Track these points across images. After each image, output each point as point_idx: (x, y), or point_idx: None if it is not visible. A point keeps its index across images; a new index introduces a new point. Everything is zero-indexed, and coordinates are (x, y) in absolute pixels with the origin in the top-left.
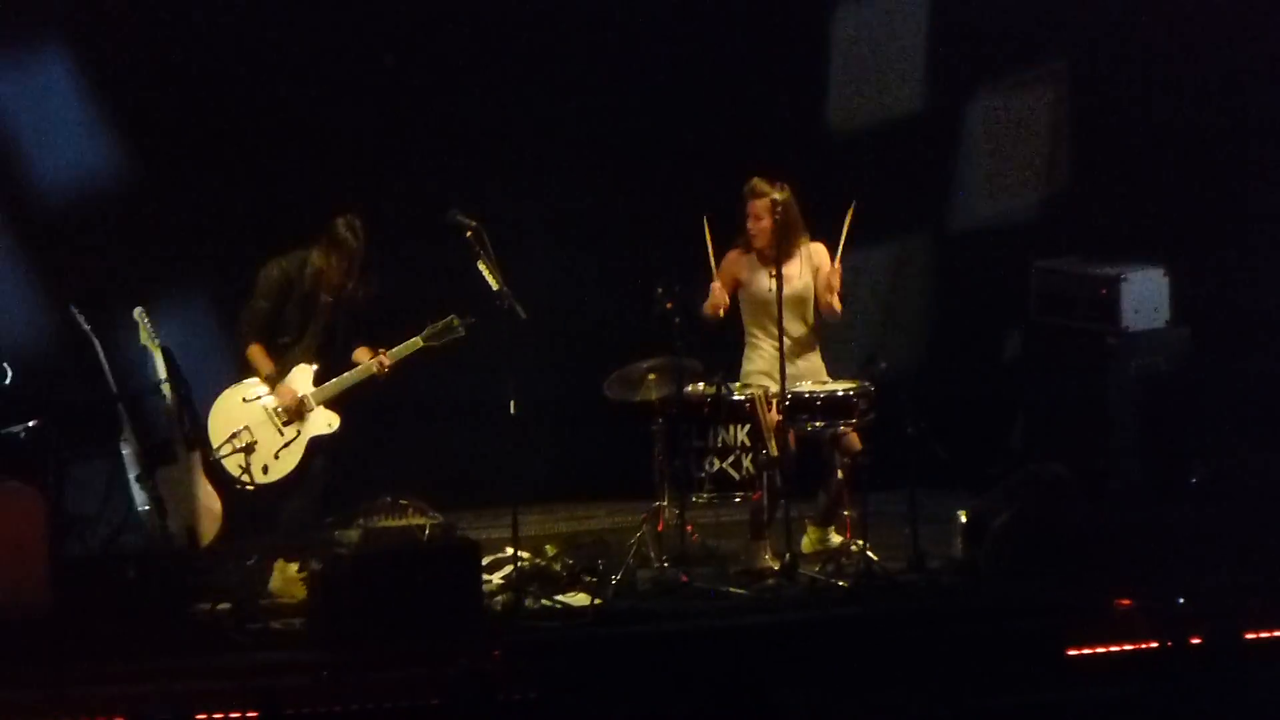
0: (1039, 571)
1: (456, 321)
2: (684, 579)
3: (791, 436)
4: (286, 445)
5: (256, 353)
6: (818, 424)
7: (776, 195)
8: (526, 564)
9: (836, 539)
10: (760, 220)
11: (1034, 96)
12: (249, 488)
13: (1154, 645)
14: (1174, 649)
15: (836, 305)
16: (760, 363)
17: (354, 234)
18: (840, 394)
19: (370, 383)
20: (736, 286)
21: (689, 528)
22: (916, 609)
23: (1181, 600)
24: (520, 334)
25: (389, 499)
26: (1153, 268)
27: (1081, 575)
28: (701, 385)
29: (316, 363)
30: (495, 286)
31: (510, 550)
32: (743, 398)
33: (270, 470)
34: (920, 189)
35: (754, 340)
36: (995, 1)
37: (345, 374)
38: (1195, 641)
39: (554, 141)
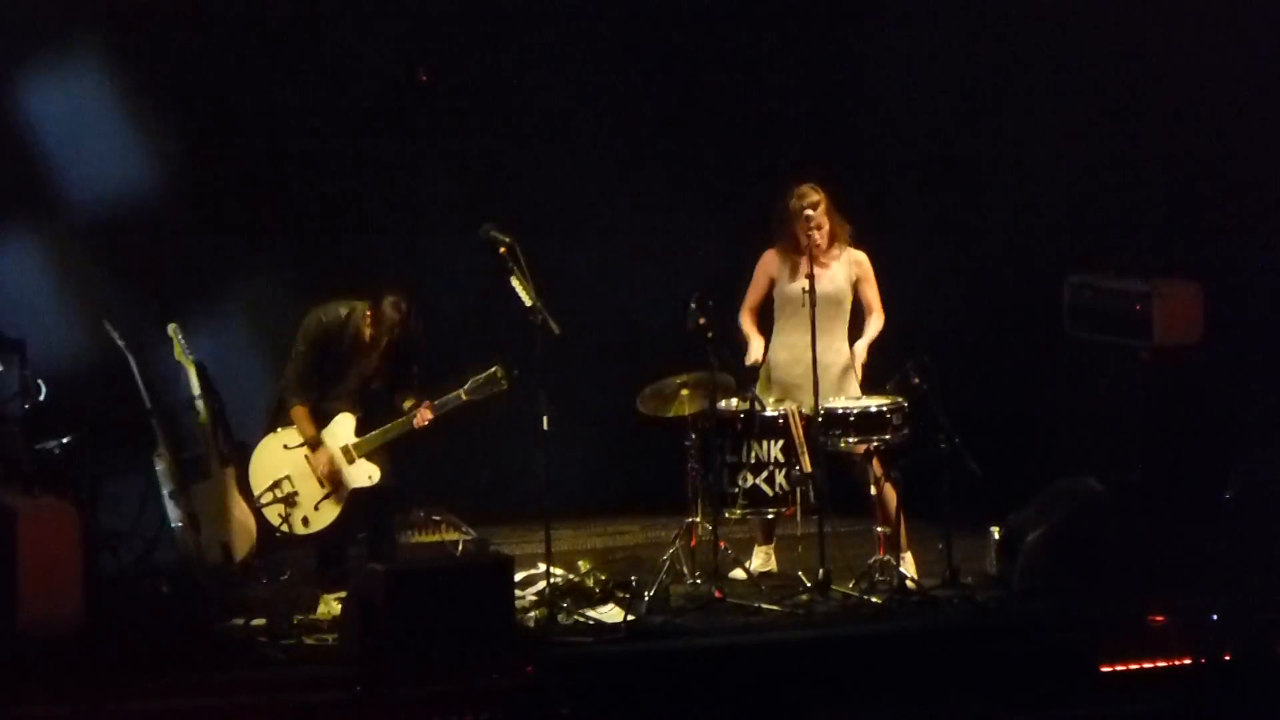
0: (1073, 587)
1: (500, 374)
2: (718, 594)
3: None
4: (326, 497)
5: (301, 415)
6: (851, 440)
7: (822, 201)
8: (559, 579)
9: (908, 561)
10: (821, 228)
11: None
12: (286, 538)
13: (1188, 661)
14: (1207, 665)
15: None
16: (778, 368)
17: (398, 313)
18: (874, 410)
19: (411, 433)
20: (771, 285)
21: (722, 543)
22: (950, 625)
23: (1215, 616)
24: (553, 349)
25: (422, 514)
26: (1186, 282)
27: (1115, 591)
28: (735, 400)
29: (358, 410)
30: (529, 302)
31: (543, 566)
32: (777, 413)
33: (310, 522)
34: (953, 201)
35: (779, 341)
36: (1026, 8)
37: (388, 425)
38: (1228, 658)
39: (587, 156)
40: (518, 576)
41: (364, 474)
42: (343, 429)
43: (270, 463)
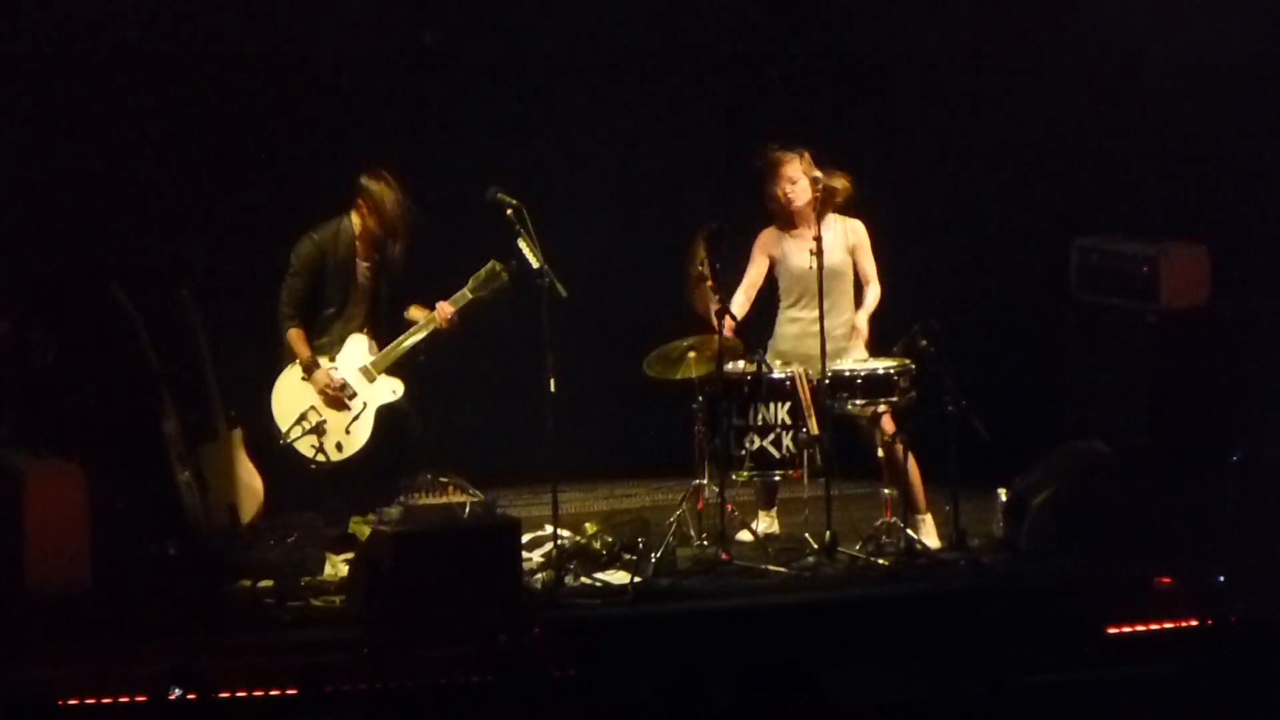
0: (1079, 550)
1: (499, 267)
2: (724, 557)
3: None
4: (356, 419)
5: (295, 338)
6: (858, 402)
7: (800, 160)
8: (566, 542)
9: (928, 525)
10: (795, 182)
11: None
12: (323, 466)
13: (1194, 623)
14: (1213, 627)
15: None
16: (787, 341)
17: (387, 184)
18: (881, 372)
19: (435, 342)
20: (772, 264)
21: (729, 506)
22: (957, 587)
23: (1222, 578)
24: (560, 312)
25: (429, 476)
26: (1194, 244)
27: (1122, 553)
28: (742, 363)
29: (368, 331)
30: (536, 264)
31: (550, 528)
32: (783, 375)
33: (344, 446)
34: (959, 165)
35: (787, 314)
36: None
37: (402, 337)
38: (1234, 620)
39: (596, 118)
40: (525, 539)
41: (387, 389)
42: (356, 350)
43: (290, 397)
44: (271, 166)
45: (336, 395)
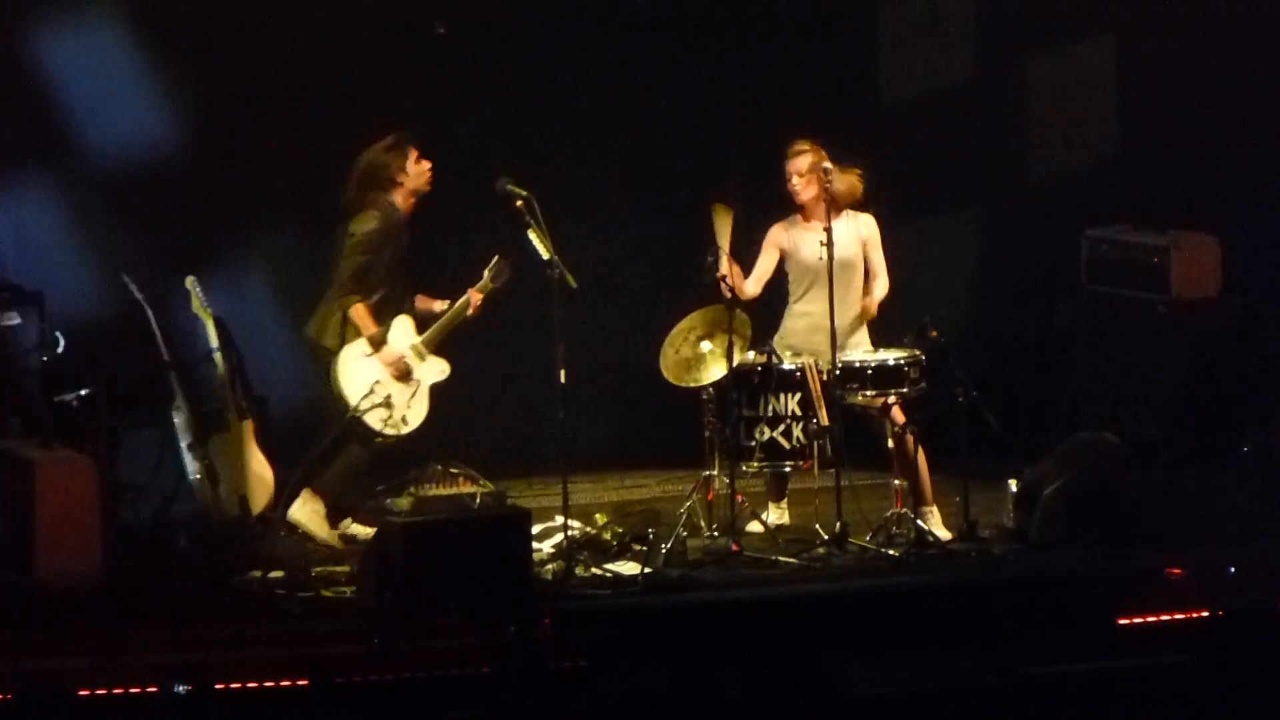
0: (1090, 540)
1: (501, 260)
2: (734, 548)
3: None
4: (414, 395)
5: (362, 313)
6: (868, 393)
7: (811, 153)
8: (576, 532)
9: (935, 516)
10: (801, 175)
11: (1083, 62)
12: (388, 440)
13: (1205, 614)
14: (1225, 618)
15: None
16: (797, 334)
17: (399, 151)
18: (891, 363)
19: (463, 324)
20: (783, 258)
21: (739, 497)
22: (967, 578)
23: (1233, 569)
24: (570, 302)
25: (439, 467)
26: (1204, 235)
27: (1132, 544)
28: (751, 354)
29: (405, 312)
30: (546, 255)
31: (560, 519)
32: (793, 366)
33: (409, 420)
34: (969, 155)
35: (796, 307)
36: None
37: (442, 319)
38: (1244, 610)
39: (605, 108)
40: (535, 529)
41: (437, 369)
42: (404, 330)
43: (356, 372)
44: (283, 155)
45: (403, 370)
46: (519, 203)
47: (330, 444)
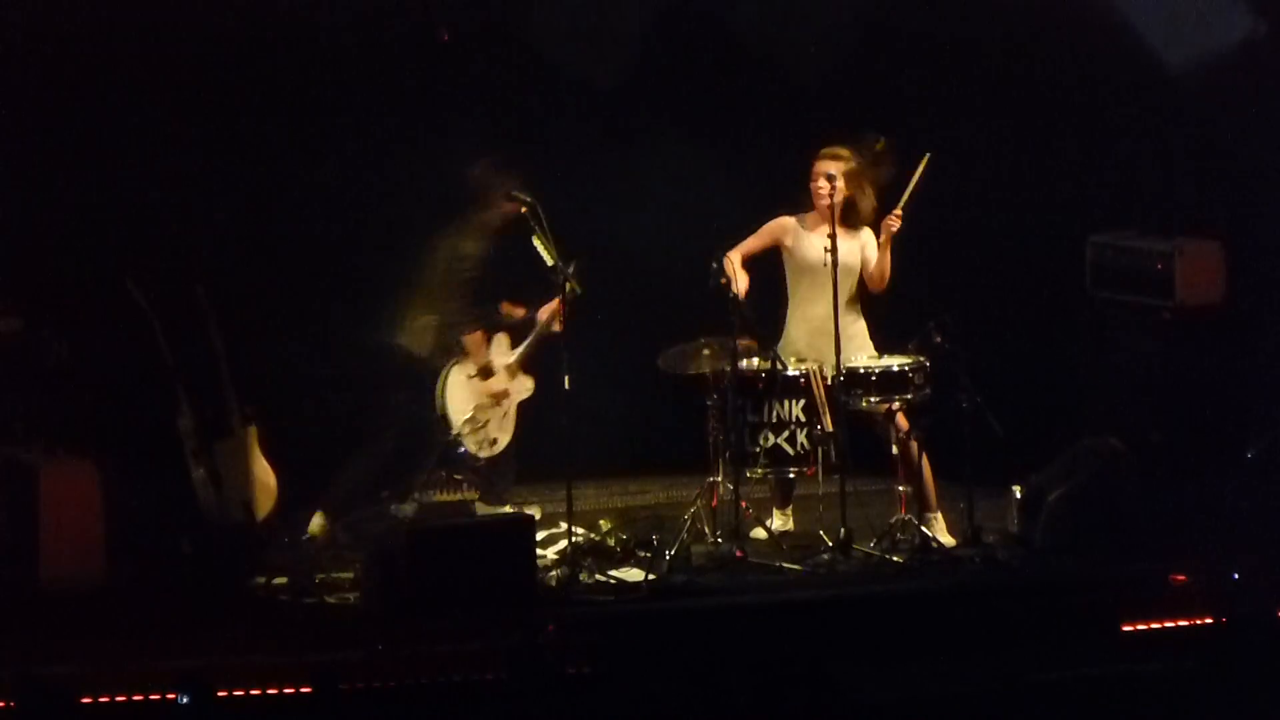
0: (1094, 546)
1: (582, 262)
2: (738, 554)
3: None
4: (505, 415)
5: (477, 341)
6: (872, 399)
7: (846, 161)
8: (581, 539)
9: (939, 522)
10: (832, 180)
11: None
12: (477, 461)
13: (1209, 620)
14: (1229, 624)
15: (885, 270)
16: (800, 338)
17: (493, 175)
18: (896, 369)
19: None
20: (781, 252)
21: (743, 503)
22: (972, 584)
23: (1237, 576)
24: (575, 309)
25: (444, 473)
26: (1209, 241)
27: (1137, 550)
28: (756, 360)
29: (493, 322)
30: (550, 262)
31: (564, 525)
32: (798, 372)
33: (497, 443)
34: (975, 160)
35: (796, 311)
36: None
37: (532, 336)
38: (1246, 617)
39: (610, 114)
40: (539, 535)
41: (526, 386)
42: (502, 348)
43: (461, 397)
44: (286, 163)
45: (501, 394)
46: (523, 209)
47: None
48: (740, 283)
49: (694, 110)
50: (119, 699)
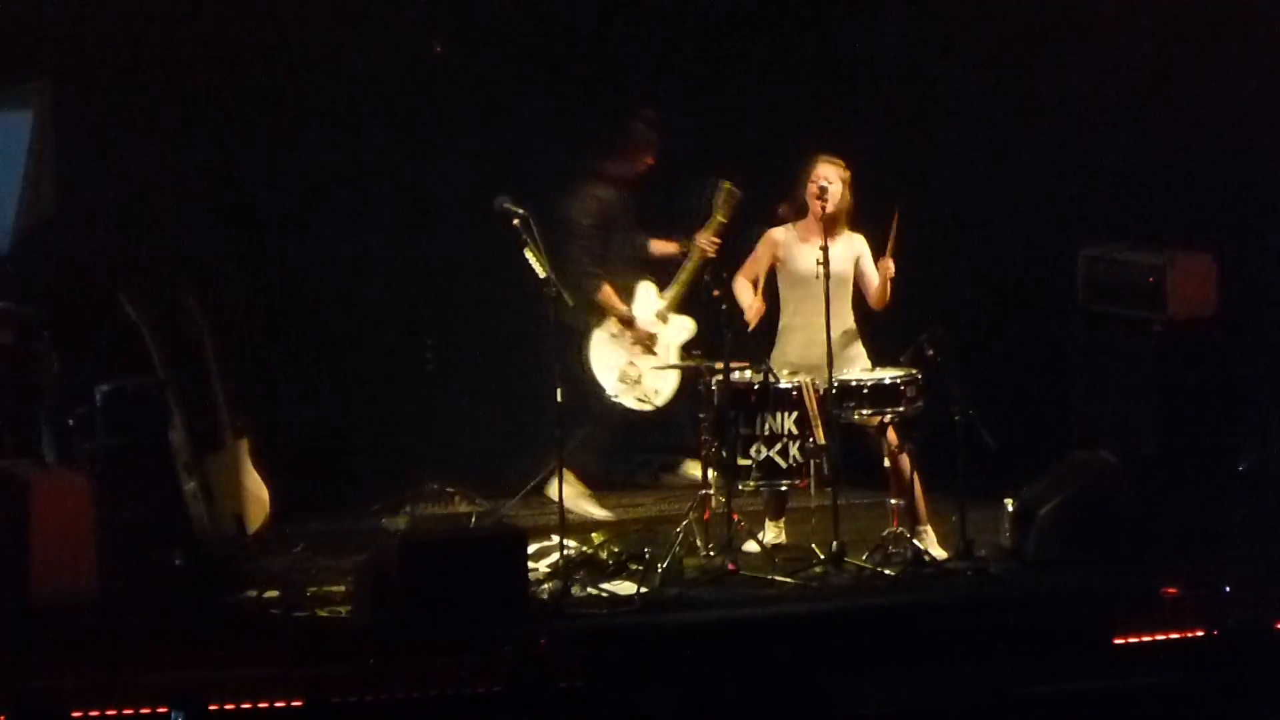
0: (1086, 559)
1: (727, 184)
2: (731, 567)
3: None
4: (662, 365)
5: (609, 294)
6: (864, 412)
7: (843, 168)
8: (573, 552)
9: (929, 536)
10: (831, 184)
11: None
12: (648, 414)
13: (1201, 633)
14: (1221, 637)
15: (887, 295)
16: (794, 349)
17: (653, 129)
18: (888, 382)
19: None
20: (774, 265)
21: (735, 516)
22: (964, 597)
23: (1229, 589)
24: (567, 321)
25: (435, 486)
26: (1201, 254)
27: (1128, 563)
28: (749, 372)
29: (645, 273)
30: (542, 274)
31: (556, 538)
32: (790, 385)
33: (661, 392)
34: (968, 173)
35: (790, 323)
36: None
37: (681, 276)
38: (1240, 629)
39: (604, 127)
40: (531, 549)
41: (682, 328)
42: (647, 296)
43: (606, 355)
44: (278, 175)
45: (650, 341)
46: (515, 221)
47: (589, 430)
48: (752, 310)
49: (683, 118)
50: (110, 713)
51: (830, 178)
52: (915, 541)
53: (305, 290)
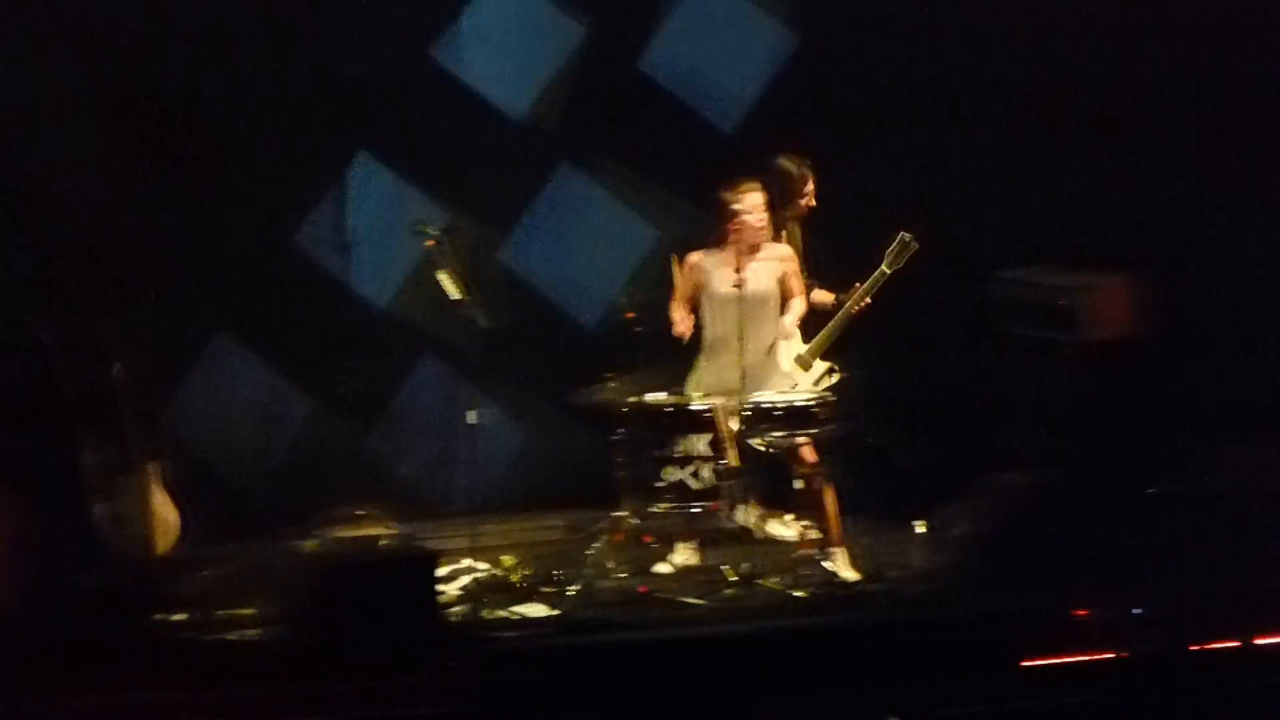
0: (997, 581)
1: (909, 238)
2: (642, 589)
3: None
4: None
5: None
6: (778, 434)
7: (764, 199)
8: (484, 574)
9: (842, 557)
10: (752, 213)
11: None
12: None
13: (1110, 656)
14: (1130, 660)
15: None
16: (711, 371)
17: (801, 169)
18: (800, 404)
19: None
20: (697, 291)
21: (647, 538)
22: (875, 619)
23: (1138, 611)
24: (482, 343)
25: (346, 509)
26: (1115, 277)
27: (1040, 585)
28: (662, 394)
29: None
30: (457, 296)
31: (468, 561)
32: (703, 406)
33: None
34: (883, 194)
35: (709, 345)
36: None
37: (829, 325)
38: (1150, 652)
39: (521, 148)
40: (442, 571)
41: (824, 371)
42: (789, 344)
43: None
44: (200, 194)
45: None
46: (430, 242)
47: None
48: (682, 326)
49: (608, 146)
50: None
51: (748, 205)
52: (827, 563)
53: (216, 312)
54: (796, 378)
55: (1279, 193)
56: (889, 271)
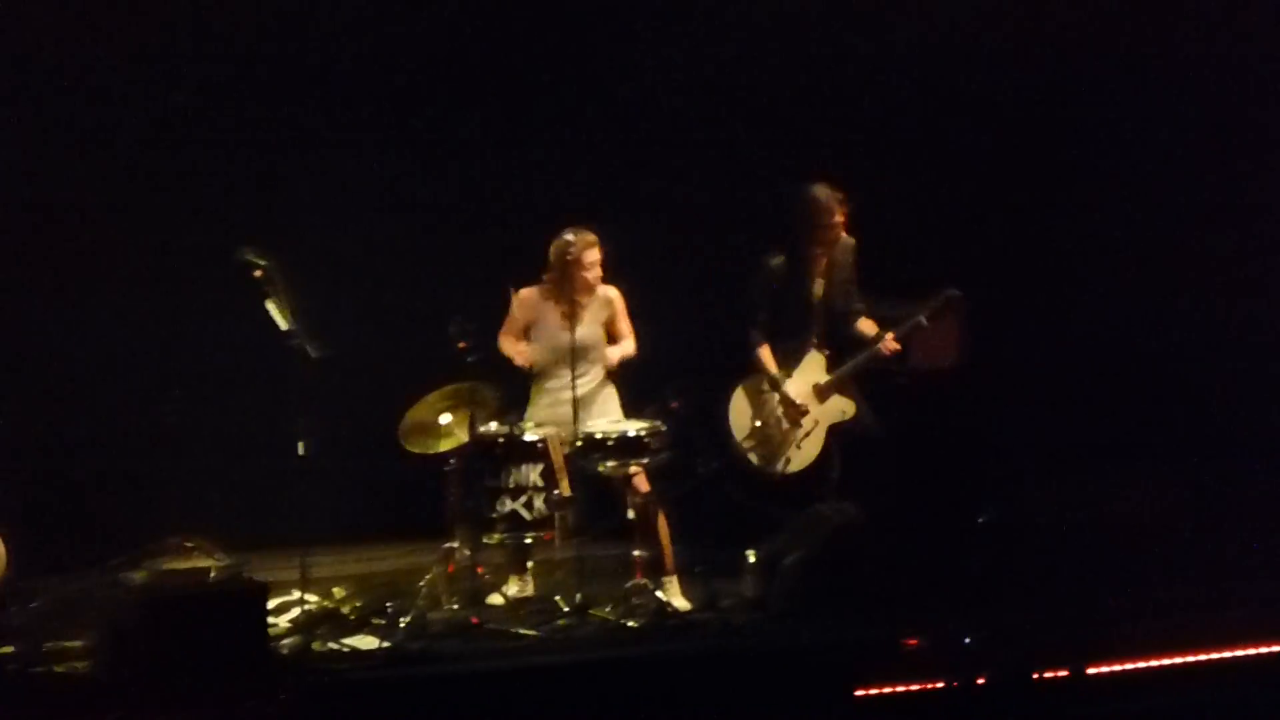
0: (828, 610)
1: (955, 291)
2: (474, 620)
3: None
4: (807, 435)
5: (765, 355)
6: (610, 464)
7: (599, 249)
8: (315, 606)
9: (674, 586)
10: (594, 268)
11: None
12: (771, 477)
13: (940, 685)
14: (960, 689)
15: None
16: (543, 404)
17: (825, 207)
18: (632, 434)
19: (881, 361)
20: (528, 327)
21: (479, 569)
22: (706, 648)
23: (969, 640)
24: (311, 374)
25: (176, 540)
26: (944, 306)
27: (870, 614)
28: (495, 425)
29: (825, 348)
30: (285, 326)
31: (298, 592)
32: (535, 437)
33: (794, 461)
34: (710, 226)
35: (541, 384)
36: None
37: (855, 359)
38: (981, 681)
39: (350, 178)
40: (272, 603)
41: (838, 409)
42: (813, 367)
43: (743, 410)
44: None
45: (799, 411)
46: (258, 273)
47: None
48: (521, 355)
49: (439, 175)
50: None
51: (591, 261)
52: (658, 593)
53: (42, 341)
54: (809, 408)
55: (1110, 223)
56: (926, 323)
